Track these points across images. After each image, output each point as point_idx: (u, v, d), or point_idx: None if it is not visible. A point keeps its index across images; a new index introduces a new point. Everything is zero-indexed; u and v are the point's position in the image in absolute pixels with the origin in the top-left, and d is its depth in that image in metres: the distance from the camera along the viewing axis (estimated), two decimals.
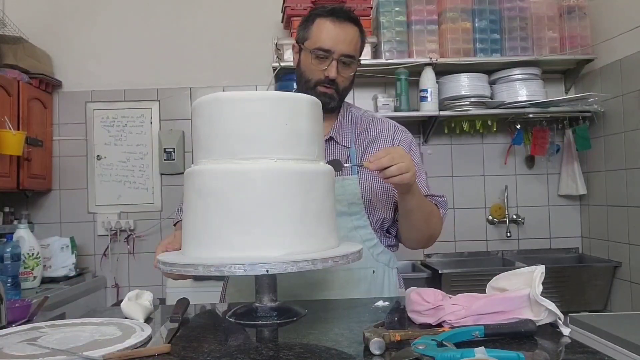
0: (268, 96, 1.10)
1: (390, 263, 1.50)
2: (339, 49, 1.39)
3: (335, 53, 1.39)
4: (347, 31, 1.40)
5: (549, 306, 0.94)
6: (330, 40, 1.39)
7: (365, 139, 1.49)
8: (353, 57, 1.42)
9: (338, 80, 1.41)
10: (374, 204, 1.44)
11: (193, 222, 1.03)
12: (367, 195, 1.43)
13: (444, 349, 0.80)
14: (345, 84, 1.45)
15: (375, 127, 1.52)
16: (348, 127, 1.50)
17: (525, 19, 2.90)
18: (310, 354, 0.87)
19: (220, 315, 1.17)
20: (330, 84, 1.41)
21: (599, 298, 2.79)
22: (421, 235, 1.45)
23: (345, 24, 1.40)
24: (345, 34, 1.40)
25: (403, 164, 1.20)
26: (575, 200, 3.17)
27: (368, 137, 1.50)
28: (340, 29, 1.40)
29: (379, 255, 1.46)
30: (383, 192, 1.44)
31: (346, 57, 1.40)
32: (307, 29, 1.43)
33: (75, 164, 3.15)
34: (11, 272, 2.16)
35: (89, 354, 0.85)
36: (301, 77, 1.46)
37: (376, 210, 1.44)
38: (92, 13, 3.19)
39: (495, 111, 2.89)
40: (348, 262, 1.00)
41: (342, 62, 1.40)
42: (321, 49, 1.39)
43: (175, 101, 3.18)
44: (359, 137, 1.49)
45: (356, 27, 1.43)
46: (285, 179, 0.99)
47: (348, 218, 1.41)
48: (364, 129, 1.51)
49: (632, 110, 2.64)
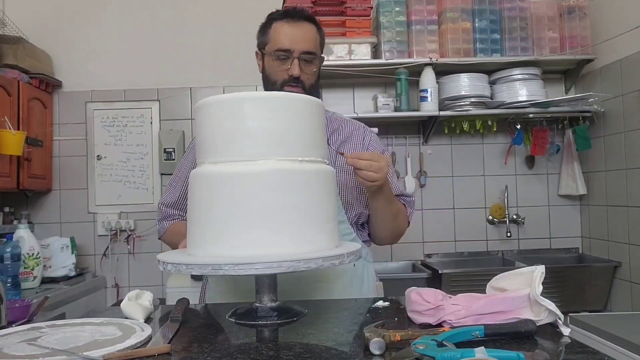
0: (271, 96, 1.10)
1: (368, 257, 1.54)
2: (298, 47, 1.43)
3: (295, 52, 1.43)
4: (304, 29, 1.45)
5: (549, 306, 0.94)
6: (288, 40, 1.44)
7: (338, 139, 1.54)
8: (314, 53, 1.46)
9: (302, 77, 1.44)
10: (349, 200, 1.48)
11: (197, 222, 1.04)
12: (344, 192, 1.46)
13: (444, 349, 0.80)
14: (310, 80, 1.47)
15: (346, 127, 1.58)
16: None
17: (525, 19, 2.90)
18: (310, 354, 0.87)
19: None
20: (296, 83, 1.44)
21: (599, 298, 2.79)
22: (388, 233, 1.52)
23: (301, 23, 1.45)
24: (303, 33, 1.45)
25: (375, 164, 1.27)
26: (575, 200, 3.17)
27: (340, 137, 1.54)
28: (297, 28, 1.45)
29: None
30: (357, 189, 1.49)
31: (306, 54, 1.44)
32: (266, 34, 1.49)
33: (75, 164, 3.15)
34: (11, 272, 2.16)
35: (89, 354, 0.85)
36: (267, 80, 1.50)
37: (352, 206, 1.48)
38: (92, 13, 3.19)
39: (495, 111, 2.89)
40: (350, 261, 1.00)
41: (303, 59, 1.44)
42: (281, 49, 1.44)
43: (175, 101, 3.18)
44: (331, 137, 1.53)
45: (312, 25, 1.48)
46: (289, 179, 0.99)
47: None
48: (335, 130, 1.55)
49: (632, 110, 2.64)
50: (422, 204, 3.16)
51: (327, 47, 2.85)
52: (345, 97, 3.16)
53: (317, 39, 1.48)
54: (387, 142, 3.14)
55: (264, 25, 1.52)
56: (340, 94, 3.14)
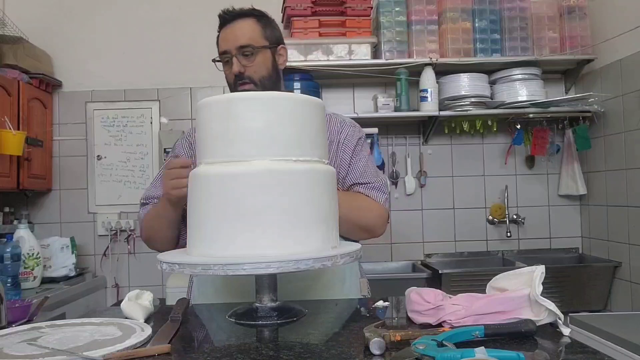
0: (273, 97, 1.10)
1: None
2: (232, 45, 1.44)
3: (232, 50, 1.44)
4: (237, 26, 1.45)
5: (549, 306, 0.94)
6: (223, 43, 1.46)
7: None
8: (249, 45, 1.43)
9: (248, 72, 1.44)
10: None
11: (197, 222, 1.04)
12: None
13: (444, 349, 0.80)
14: (259, 73, 1.45)
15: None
16: None
17: (525, 19, 2.90)
18: (310, 354, 0.87)
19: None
20: (242, 80, 1.44)
21: (599, 298, 2.79)
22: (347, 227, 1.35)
23: (234, 22, 1.46)
24: (234, 30, 1.45)
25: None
26: (575, 200, 3.17)
27: None
28: (229, 29, 1.46)
29: None
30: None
31: (242, 48, 1.43)
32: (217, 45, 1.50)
33: (75, 164, 3.15)
34: (11, 272, 2.16)
35: (89, 354, 0.85)
36: (228, 86, 1.50)
37: None
38: (92, 13, 3.19)
39: (495, 111, 2.89)
40: (344, 262, 1.00)
41: (241, 54, 1.43)
42: (221, 53, 1.46)
43: (175, 101, 3.18)
44: None
45: (249, 18, 1.47)
46: (282, 179, 0.99)
47: None
48: None
49: (632, 110, 2.63)
50: (422, 204, 3.16)
51: (327, 47, 2.86)
52: (345, 97, 3.16)
53: (257, 30, 1.46)
54: (387, 142, 3.14)
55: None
56: (340, 94, 3.14)
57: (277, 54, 1.50)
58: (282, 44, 1.52)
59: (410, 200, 3.15)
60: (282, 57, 1.52)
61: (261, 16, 1.49)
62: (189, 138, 1.58)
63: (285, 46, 1.55)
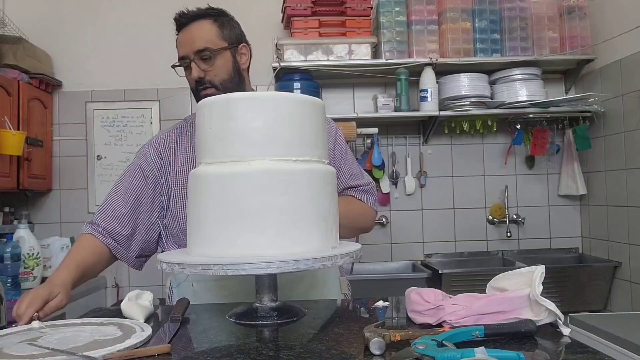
0: (272, 97, 1.10)
1: None
2: (189, 50, 1.40)
3: (189, 55, 1.40)
4: (192, 30, 1.41)
5: (549, 306, 0.94)
6: (181, 49, 1.43)
7: None
8: (206, 49, 1.39)
9: (209, 76, 1.40)
10: None
11: (197, 222, 1.04)
12: None
13: (444, 349, 0.80)
14: (220, 76, 1.41)
15: None
16: None
17: (525, 19, 2.90)
18: (310, 354, 0.87)
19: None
20: (203, 85, 1.41)
21: (599, 298, 2.79)
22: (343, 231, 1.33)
23: (188, 27, 1.42)
24: (190, 35, 1.41)
25: None
26: (575, 200, 3.17)
27: None
28: (185, 33, 1.42)
29: None
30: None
31: (199, 52, 1.40)
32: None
33: (75, 164, 3.15)
34: (11, 272, 2.16)
35: (89, 354, 0.85)
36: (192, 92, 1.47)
37: None
38: (92, 13, 3.19)
39: (495, 111, 2.89)
40: (344, 262, 1.00)
41: (200, 59, 1.40)
42: (179, 59, 1.44)
43: (175, 101, 3.18)
44: None
45: (204, 20, 1.41)
46: (280, 179, 0.99)
47: None
48: None
49: (632, 110, 2.63)
50: (422, 204, 3.16)
51: (327, 47, 2.86)
52: (345, 97, 3.16)
53: (214, 31, 1.41)
54: (387, 142, 3.14)
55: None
56: (340, 94, 3.14)
57: (239, 54, 1.45)
58: (244, 42, 1.47)
59: (410, 200, 3.15)
60: (244, 56, 1.47)
61: (218, 15, 1.43)
62: (157, 147, 1.48)
63: (248, 44, 1.49)
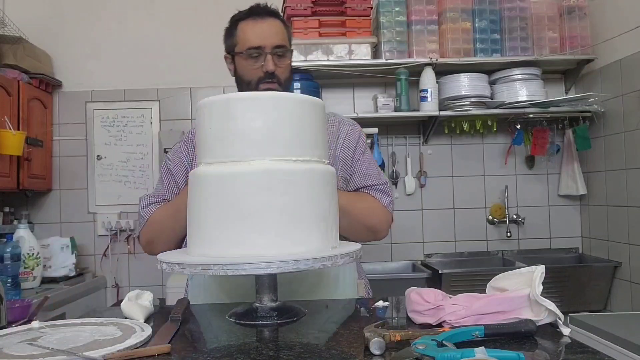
0: (272, 97, 1.10)
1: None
2: (269, 42, 1.42)
3: (266, 47, 1.41)
4: (271, 24, 1.44)
5: (549, 306, 0.94)
6: (257, 38, 1.42)
7: None
8: (284, 46, 1.44)
9: (277, 72, 1.43)
10: None
11: (196, 222, 1.04)
12: None
13: (444, 349, 0.80)
14: (285, 74, 1.46)
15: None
16: None
17: (525, 19, 2.90)
18: (310, 354, 0.87)
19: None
20: (271, 79, 1.42)
21: (599, 298, 2.79)
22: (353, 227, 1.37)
23: (266, 19, 1.44)
24: (270, 27, 1.43)
25: None
26: (575, 200, 3.17)
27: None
28: (264, 24, 1.43)
29: None
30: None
31: (278, 48, 1.43)
32: (233, 36, 1.47)
33: (75, 164, 3.15)
34: (11, 272, 2.16)
35: (89, 354, 0.85)
36: (242, 82, 1.48)
37: None
38: (92, 13, 3.19)
39: (495, 111, 2.89)
40: (344, 262, 1.00)
41: (276, 54, 1.42)
42: (252, 47, 1.42)
43: (175, 101, 3.18)
44: None
45: (277, 20, 1.46)
46: (281, 179, 0.99)
47: None
48: None
49: (632, 110, 2.63)
50: (422, 204, 3.16)
51: (327, 47, 2.86)
52: (345, 97, 3.16)
53: (285, 33, 1.47)
54: (387, 142, 3.14)
55: (230, 28, 1.50)
56: (340, 94, 3.14)
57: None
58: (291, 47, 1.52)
59: (410, 200, 3.15)
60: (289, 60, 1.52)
61: (284, 20, 1.50)
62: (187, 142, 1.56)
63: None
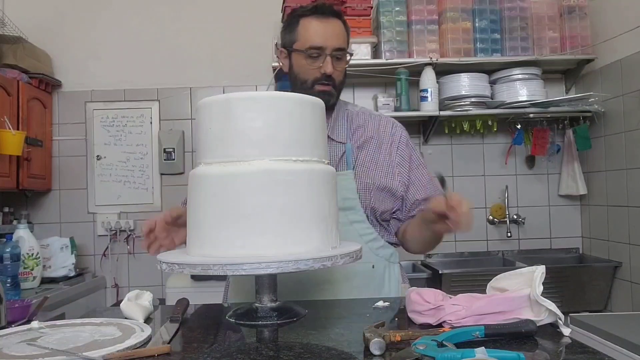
0: (272, 97, 1.10)
1: (392, 258, 1.48)
2: (331, 44, 1.40)
3: (327, 49, 1.39)
4: (334, 25, 1.42)
5: (550, 306, 0.94)
6: (320, 38, 1.40)
7: (362, 136, 1.50)
8: (344, 49, 1.43)
9: (334, 75, 1.42)
10: (372, 198, 1.43)
11: (196, 222, 1.04)
12: (365, 190, 1.43)
13: (444, 349, 0.80)
14: (340, 77, 1.46)
15: (372, 124, 1.54)
16: (343, 123, 1.51)
17: (525, 19, 2.90)
18: (310, 354, 0.87)
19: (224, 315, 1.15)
20: (328, 81, 1.42)
21: (599, 298, 2.79)
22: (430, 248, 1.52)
23: (330, 19, 1.42)
24: (333, 29, 1.41)
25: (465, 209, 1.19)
26: (576, 200, 3.17)
27: (365, 134, 1.50)
28: (328, 25, 1.41)
29: (378, 249, 1.44)
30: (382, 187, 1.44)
31: (338, 51, 1.41)
32: (293, 31, 1.44)
33: (75, 164, 3.15)
34: (11, 272, 2.16)
35: (89, 354, 0.85)
36: (296, 79, 1.46)
37: (375, 205, 1.43)
38: (92, 13, 3.19)
39: (495, 111, 2.89)
40: (344, 263, 1.00)
41: (335, 57, 1.41)
42: (313, 47, 1.40)
43: (175, 101, 3.18)
44: (355, 134, 1.49)
45: (340, 21, 1.44)
46: (280, 179, 0.99)
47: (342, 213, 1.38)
48: (360, 126, 1.52)
49: (632, 110, 2.63)
50: None
51: None
52: (346, 97, 3.10)
53: (346, 35, 1.45)
54: None
55: (290, 22, 1.46)
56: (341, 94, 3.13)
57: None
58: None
59: None
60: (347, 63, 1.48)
61: (345, 21, 1.46)
62: None
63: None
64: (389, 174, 1.47)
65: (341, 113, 1.53)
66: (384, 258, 1.45)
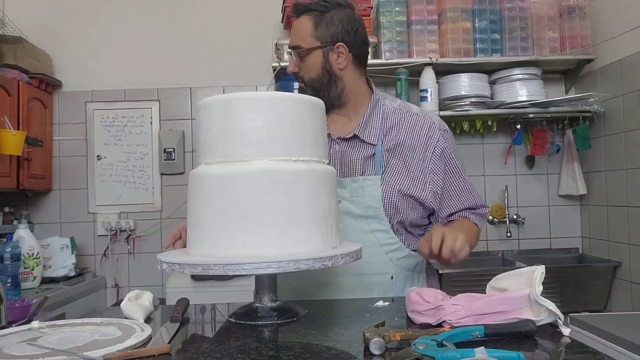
0: (272, 97, 1.10)
1: (417, 268, 1.42)
2: (290, 43, 1.42)
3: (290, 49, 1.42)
4: (297, 24, 1.42)
5: (549, 306, 0.94)
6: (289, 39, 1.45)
7: (395, 138, 1.40)
8: (298, 47, 1.39)
9: (301, 72, 1.42)
10: (399, 206, 1.36)
11: (196, 222, 1.04)
12: (392, 198, 1.36)
13: (444, 349, 0.80)
14: (309, 75, 1.40)
15: (408, 123, 1.42)
16: (376, 122, 1.41)
17: (525, 19, 2.90)
18: (310, 354, 0.87)
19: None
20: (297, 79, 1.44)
21: (599, 298, 2.79)
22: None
23: (297, 19, 1.42)
24: (295, 27, 1.42)
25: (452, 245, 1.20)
26: (576, 200, 3.17)
27: (398, 135, 1.40)
28: (293, 26, 1.43)
29: (400, 259, 1.38)
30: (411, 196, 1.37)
31: (293, 49, 1.41)
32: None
33: (75, 164, 3.15)
34: (11, 272, 2.16)
35: (89, 354, 0.85)
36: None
37: (401, 214, 1.36)
38: (92, 13, 3.19)
39: (495, 111, 2.89)
40: (344, 263, 1.00)
41: (297, 54, 1.41)
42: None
43: (175, 101, 3.18)
44: (388, 134, 1.40)
45: (306, 15, 1.39)
46: (280, 179, 0.99)
47: (364, 221, 1.35)
48: (395, 124, 1.42)
49: (632, 110, 2.63)
50: None
51: None
52: None
53: (309, 30, 1.37)
54: None
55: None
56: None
57: (333, 53, 1.37)
58: (341, 41, 1.37)
59: None
60: (340, 56, 1.38)
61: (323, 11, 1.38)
62: None
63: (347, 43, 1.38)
64: (419, 183, 1.39)
65: (376, 111, 1.43)
66: (406, 269, 1.39)
